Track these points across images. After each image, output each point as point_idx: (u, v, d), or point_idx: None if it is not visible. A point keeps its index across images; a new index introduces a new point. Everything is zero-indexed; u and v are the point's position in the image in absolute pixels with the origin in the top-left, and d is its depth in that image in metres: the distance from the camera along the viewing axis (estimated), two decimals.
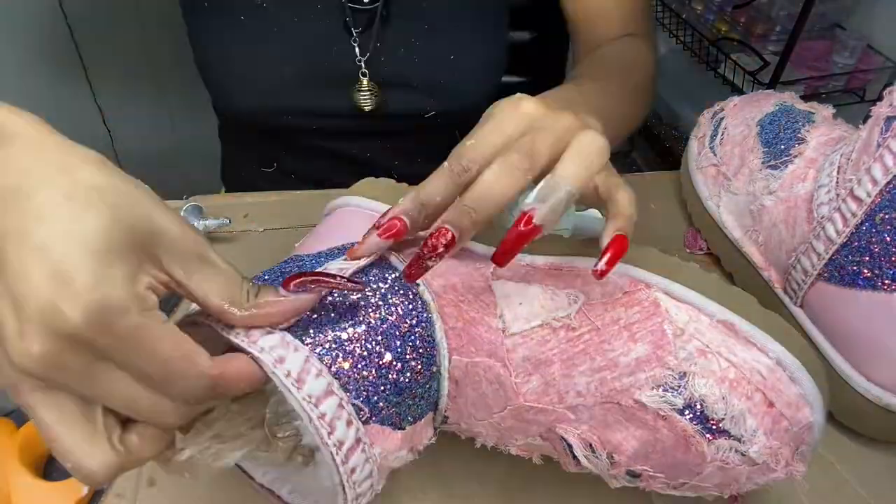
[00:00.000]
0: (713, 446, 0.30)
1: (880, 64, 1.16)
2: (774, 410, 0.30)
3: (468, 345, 0.32)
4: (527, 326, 0.32)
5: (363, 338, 0.30)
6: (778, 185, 0.46)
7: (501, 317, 0.32)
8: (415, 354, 0.31)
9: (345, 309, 0.30)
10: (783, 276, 0.45)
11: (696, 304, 0.31)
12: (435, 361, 0.32)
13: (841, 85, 1.19)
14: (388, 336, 0.30)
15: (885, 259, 0.38)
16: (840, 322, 0.41)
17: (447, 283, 0.34)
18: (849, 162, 0.41)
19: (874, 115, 0.41)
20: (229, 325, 0.27)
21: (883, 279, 0.38)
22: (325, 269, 0.32)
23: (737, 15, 1.23)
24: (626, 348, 0.31)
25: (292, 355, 0.27)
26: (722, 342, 0.30)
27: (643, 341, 0.31)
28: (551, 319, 0.32)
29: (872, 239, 0.39)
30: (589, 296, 0.32)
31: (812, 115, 0.49)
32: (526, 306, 0.32)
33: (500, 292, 0.33)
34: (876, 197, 0.38)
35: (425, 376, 0.32)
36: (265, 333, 0.27)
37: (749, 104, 0.53)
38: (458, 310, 0.33)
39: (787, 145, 0.47)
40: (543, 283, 0.33)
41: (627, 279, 0.33)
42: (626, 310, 0.31)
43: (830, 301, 0.41)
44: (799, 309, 0.44)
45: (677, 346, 0.30)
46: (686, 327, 0.31)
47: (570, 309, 0.32)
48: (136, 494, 0.37)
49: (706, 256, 0.54)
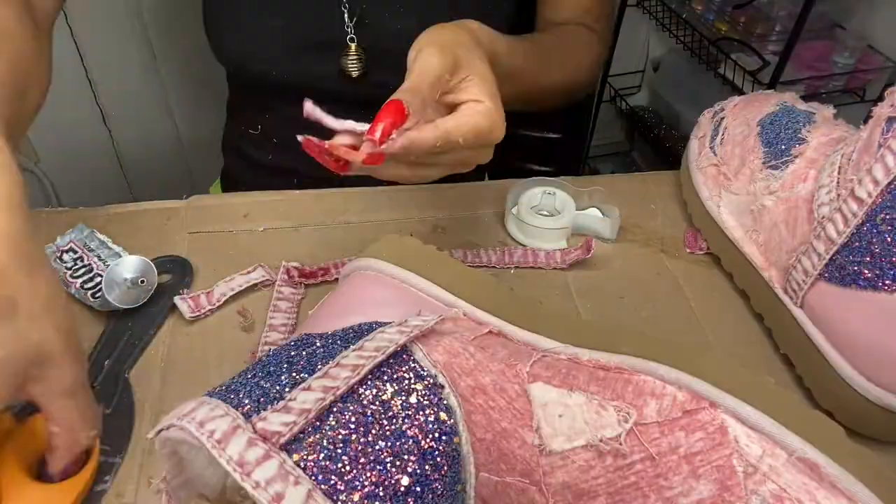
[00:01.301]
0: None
1: (880, 64, 1.16)
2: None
3: (498, 461, 0.28)
4: (568, 446, 0.28)
5: (377, 458, 0.26)
6: (778, 185, 0.46)
7: (538, 430, 0.28)
8: (437, 475, 0.27)
9: (357, 421, 0.26)
10: (783, 277, 0.45)
11: (772, 434, 0.26)
12: (459, 479, 0.28)
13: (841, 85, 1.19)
14: (407, 454, 0.26)
15: (886, 259, 0.38)
16: (840, 322, 0.41)
17: (476, 385, 0.29)
18: (849, 162, 0.41)
19: (875, 116, 0.41)
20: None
21: (884, 280, 0.38)
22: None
23: (737, 15, 1.23)
24: (686, 486, 0.26)
25: (292, 490, 0.24)
26: (802, 487, 0.25)
27: (707, 479, 0.26)
28: (598, 441, 0.27)
29: (873, 239, 0.39)
30: (642, 412, 0.28)
31: (813, 115, 0.49)
32: (567, 419, 0.28)
33: (537, 399, 0.29)
34: (877, 197, 0.38)
35: (448, 497, 0.28)
36: (263, 460, 0.24)
37: (750, 104, 0.53)
38: (487, 418, 0.29)
39: (787, 145, 0.47)
40: (588, 388, 0.29)
41: (687, 393, 0.28)
42: (687, 435, 0.27)
43: (831, 301, 0.41)
44: (799, 309, 0.44)
45: (749, 490, 0.25)
46: (759, 464, 0.26)
47: (620, 429, 0.27)
48: (136, 496, 0.37)
49: (706, 257, 0.54)
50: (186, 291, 0.48)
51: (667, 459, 0.26)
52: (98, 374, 0.43)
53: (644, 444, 0.27)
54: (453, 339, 0.31)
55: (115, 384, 0.42)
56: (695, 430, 0.27)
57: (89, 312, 0.47)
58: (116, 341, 0.45)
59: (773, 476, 0.26)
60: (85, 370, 0.34)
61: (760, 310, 0.49)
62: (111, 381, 0.43)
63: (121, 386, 0.42)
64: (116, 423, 0.40)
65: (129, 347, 0.45)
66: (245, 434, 0.25)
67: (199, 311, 0.47)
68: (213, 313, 0.47)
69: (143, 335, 0.45)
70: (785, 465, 0.26)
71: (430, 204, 0.58)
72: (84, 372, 0.34)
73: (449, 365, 0.30)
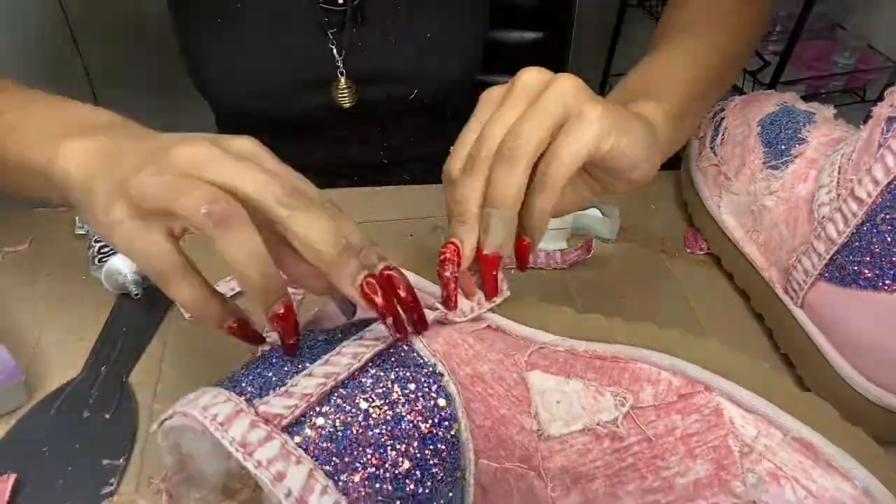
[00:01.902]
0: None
1: (880, 64, 1.16)
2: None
3: (497, 448, 0.29)
4: (566, 430, 0.28)
5: (377, 442, 0.26)
6: (779, 185, 0.46)
7: (536, 416, 0.28)
8: (437, 460, 0.27)
9: (357, 406, 0.27)
10: (784, 277, 0.45)
11: (766, 414, 0.27)
12: (459, 466, 0.28)
13: (841, 85, 1.19)
14: (407, 439, 0.27)
15: (886, 259, 0.38)
16: (841, 322, 0.41)
17: (475, 373, 0.30)
18: (849, 162, 0.41)
19: (875, 115, 0.41)
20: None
21: (884, 279, 0.38)
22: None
23: None
24: (683, 466, 0.26)
25: (293, 469, 0.24)
26: (798, 465, 0.26)
27: (704, 458, 0.26)
28: (595, 424, 0.28)
29: (873, 239, 0.39)
30: (638, 396, 0.28)
31: (813, 115, 0.49)
32: (564, 405, 0.28)
33: (535, 386, 0.29)
34: (877, 197, 0.38)
35: (447, 483, 0.28)
36: (265, 441, 0.24)
37: (750, 104, 0.53)
38: (486, 405, 0.29)
39: (787, 145, 0.47)
40: (585, 376, 0.29)
41: (682, 378, 0.28)
42: (683, 417, 0.27)
43: (831, 301, 0.41)
44: (799, 309, 0.44)
45: (745, 468, 0.26)
46: (755, 444, 0.26)
47: (617, 412, 0.27)
48: (136, 496, 0.37)
49: (706, 257, 0.54)
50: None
51: (663, 441, 0.27)
52: (95, 379, 0.43)
53: (641, 426, 0.27)
54: (452, 330, 0.32)
55: (115, 388, 0.42)
56: (690, 413, 0.27)
57: (88, 313, 0.47)
58: (113, 345, 0.45)
59: (769, 455, 0.26)
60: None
61: (761, 310, 0.49)
62: (110, 385, 0.42)
63: (120, 390, 0.42)
64: (118, 426, 0.40)
65: (128, 351, 0.45)
66: (248, 417, 0.25)
67: None
68: None
69: (140, 338, 0.45)
70: (780, 445, 0.26)
71: (430, 204, 0.58)
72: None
73: (448, 354, 0.30)
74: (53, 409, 0.41)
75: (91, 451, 0.39)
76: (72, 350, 0.44)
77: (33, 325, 0.46)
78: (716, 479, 0.26)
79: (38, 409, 0.41)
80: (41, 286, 0.49)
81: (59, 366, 0.43)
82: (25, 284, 0.49)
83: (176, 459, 0.28)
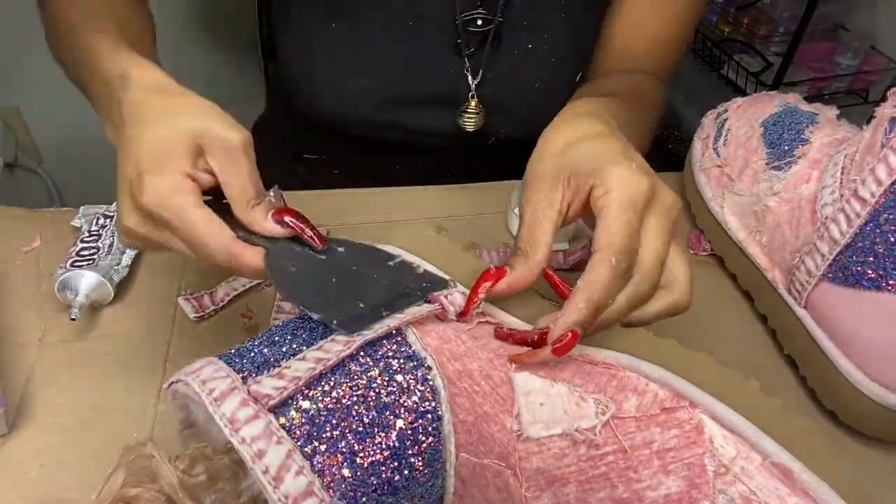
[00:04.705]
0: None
1: (883, 65, 1.16)
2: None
3: (478, 443, 0.29)
4: (545, 433, 0.28)
5: (359, 428, 0.27)
6: (782, 186, 0.46)
7: (518, 417, 0.29)
8: (416, 450, 0.28)
9: (343, 393, 0.28)
10: (787, 277, 0.45)
11: (748, 436, 0.26)
12: (439, 458, 0.29)
13: (844, 86, 1.19)
14: (388, 428, 0.28)
15: (889, 260, 0.38)
16: (844, 323, 0.41)
17: (463, 369, 0.30)
18: (852, 163, 0.41)
19: (878, 116, 0.41)
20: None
21: (887, 280, 0.38)
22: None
23: (740, 16, 1.23)
24: (655, 480, 0.26)
25: (273, 449, 0.25)
26: (773, 491, 0.25)
27: (677, 475, 0.26)
28: (573, 430, 0.28)
29: (876, 239, 0.39)
30: (622, 406, 0.28)
31: (815, 116, 0.49)
32: (547, 408, 0.29)
33: (520, 387, 0.29)
34: (880, 197, 0.38)
35: (426, 474, 0.28)
36: (252, 420, 0.26)
37: (753, 105, 0.53)
38: (471, 401, 0.29)
39: (790, 146, 0.47)
40: (572, 381, 0.30)
41: (669, 391, 0.28)
42: (663, 431, 0.27)
43: (834, 302, 0.41)
44: (803, 310, 0.44)
45: (716, 488, 0.25)
46: (732, 465, 0.26)
47: (597, 420, 0.28)
48: None
49: (710, 258, 0.54)
50: (190, 292, 0.48)
51: (639, 453, 0.27)
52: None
53: (618, 436, 0.27)
54: (448, 326, 0.32)
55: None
56: (671, 428, 0.27)
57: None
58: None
59: (745, 478, 0.26)
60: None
61: (764, 310, 0.49)
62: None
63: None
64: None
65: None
66: (240, 394, 0.27)
67: (202, 311, 0.47)
68: (216, 314, 0.47)
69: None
70: (758, 469, 0.26)
71: (433, 204, 0.58)
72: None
73: (440, 349, 0.31)
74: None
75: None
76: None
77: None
78: (686, 497, 0.26)
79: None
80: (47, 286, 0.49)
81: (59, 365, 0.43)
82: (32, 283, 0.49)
83: (185, 417, 0.31)
